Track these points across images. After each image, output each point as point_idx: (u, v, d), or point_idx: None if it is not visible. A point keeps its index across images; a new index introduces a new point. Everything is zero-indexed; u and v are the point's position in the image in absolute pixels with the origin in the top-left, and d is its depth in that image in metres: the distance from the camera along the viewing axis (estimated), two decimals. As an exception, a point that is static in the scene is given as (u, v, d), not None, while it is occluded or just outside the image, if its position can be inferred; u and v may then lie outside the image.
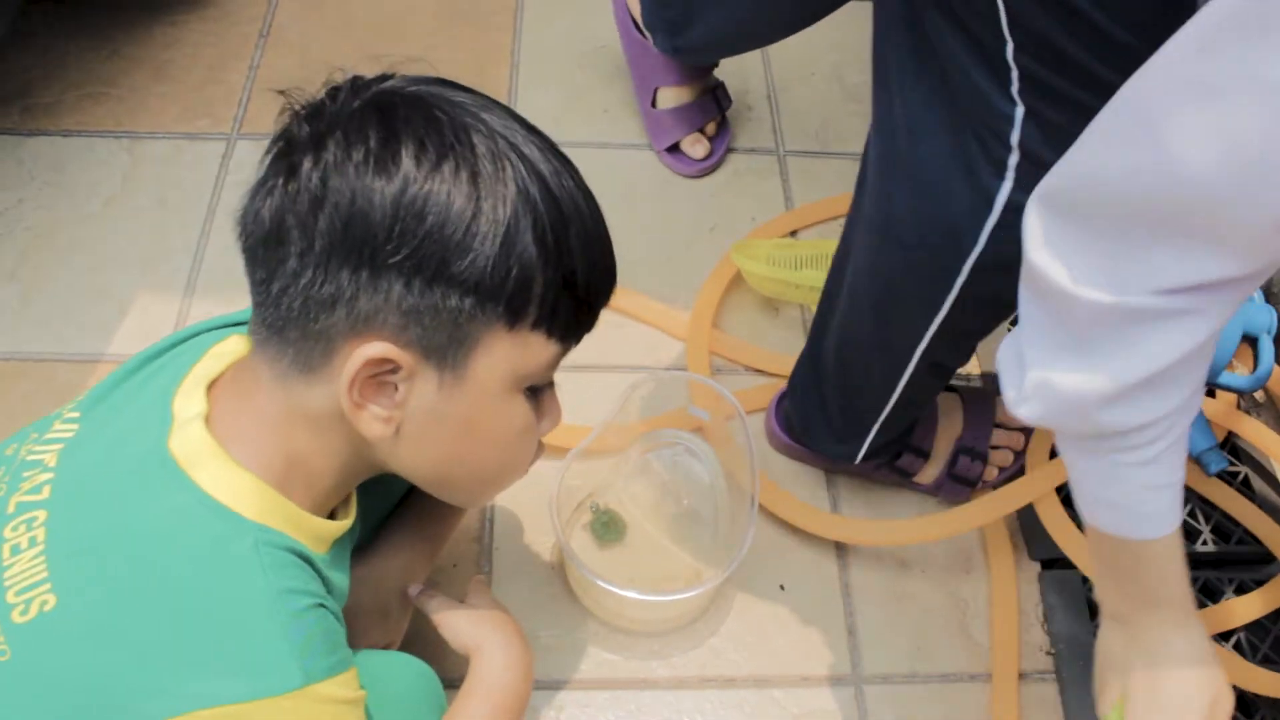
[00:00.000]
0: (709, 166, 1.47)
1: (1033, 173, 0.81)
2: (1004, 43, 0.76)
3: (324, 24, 1.57)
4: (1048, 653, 1.15)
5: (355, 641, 0.93)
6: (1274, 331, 1.27)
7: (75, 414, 0.75)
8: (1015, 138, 0.81)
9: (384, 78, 0.70)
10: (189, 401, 0.71)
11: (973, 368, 1.34)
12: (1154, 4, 0.71)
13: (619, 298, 1.32)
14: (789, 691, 1.10)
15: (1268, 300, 1.28)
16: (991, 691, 1.11)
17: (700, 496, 1.20)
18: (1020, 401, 0.73)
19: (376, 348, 0.66)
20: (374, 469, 0.77)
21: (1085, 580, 1.19)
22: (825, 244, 1.34)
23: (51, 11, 1.57)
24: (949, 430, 1.20)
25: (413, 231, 0.64)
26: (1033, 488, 1.16)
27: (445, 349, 0.68)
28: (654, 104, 1.47)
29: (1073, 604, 1.17)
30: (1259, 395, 1.33)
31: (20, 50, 1.52)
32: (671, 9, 1.30)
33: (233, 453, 0.69)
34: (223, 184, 1.41)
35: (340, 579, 0.77)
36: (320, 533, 0.72)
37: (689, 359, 1.29)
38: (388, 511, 0.97)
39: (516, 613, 1.02)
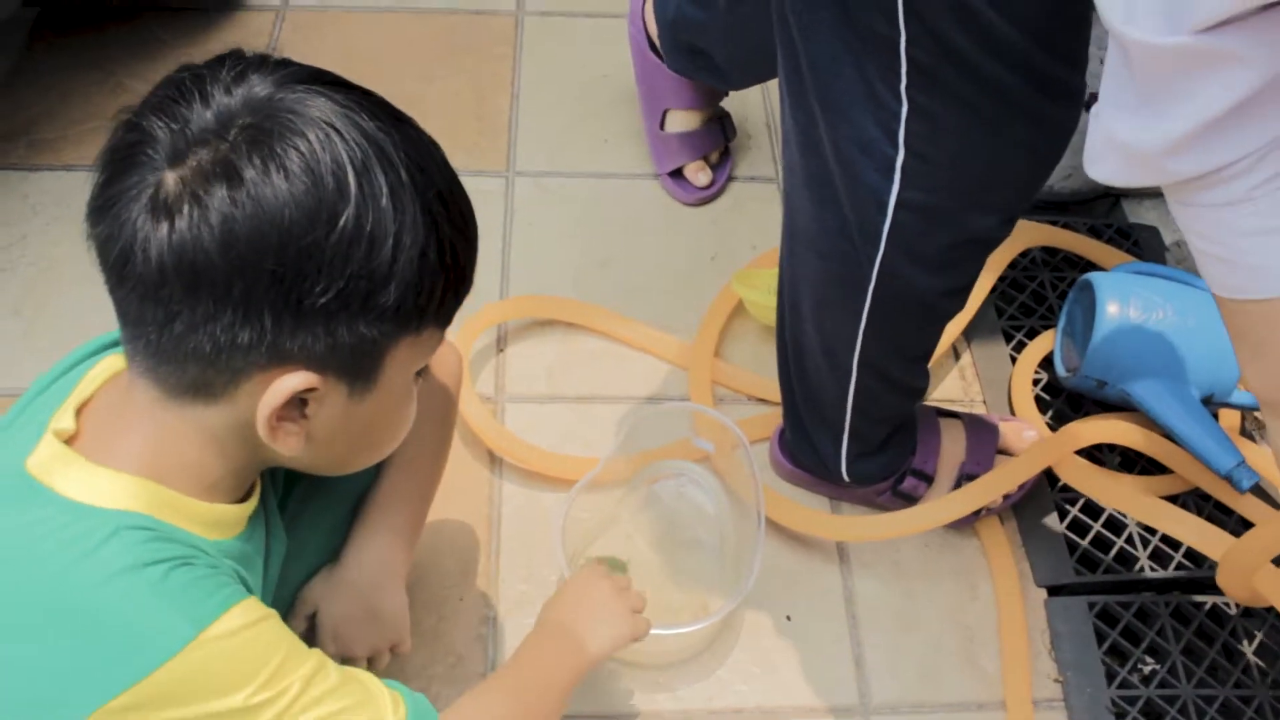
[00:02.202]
0: (709, 195, 1.48)
1: (920, 171, 0.85)
2: (898, 35, 0.79)
3: (326, 57, 1.56)
4: (1055, 680, 1.14)
5: (353, 649, 0.93)
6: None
7: None
8: (902, 135, 0.84)
9: (243, 68, 0.66)
10: (58, 423, 0.70)
11: (974, 394, 1.35)
12: (1045, 6, 0.78)
13: (621, 328, 1.33)
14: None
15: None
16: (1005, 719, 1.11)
17: (706, 527, 1.20)
18: (1093, 161, 0.74)
19: (298, 379, 0.66)
20: (269, 464, 0.76)
21: (1091, 605, 1.18)
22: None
23: (54, 47, 1.58)
24: (952, 455, 1.20)
25: (340, 271, 0.63)
26: (1022, 470, 1.17)
27: (359, 367, 0.68)
28: (662, 126, 1.47)
29: (1079, 630, 1.17)
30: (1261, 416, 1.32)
31: (24, 87, 1.53)
32: (688, 33, 1.32)
33: (93, 458, 0.68)
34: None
35: (250, 570, 0.75)
36: (207, 516, 0.71)
37: (691, 389, 1.29)
38: (343, 517, 0.95)
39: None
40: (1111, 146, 0.72)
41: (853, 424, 1.10)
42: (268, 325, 0.64)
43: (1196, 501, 1.24)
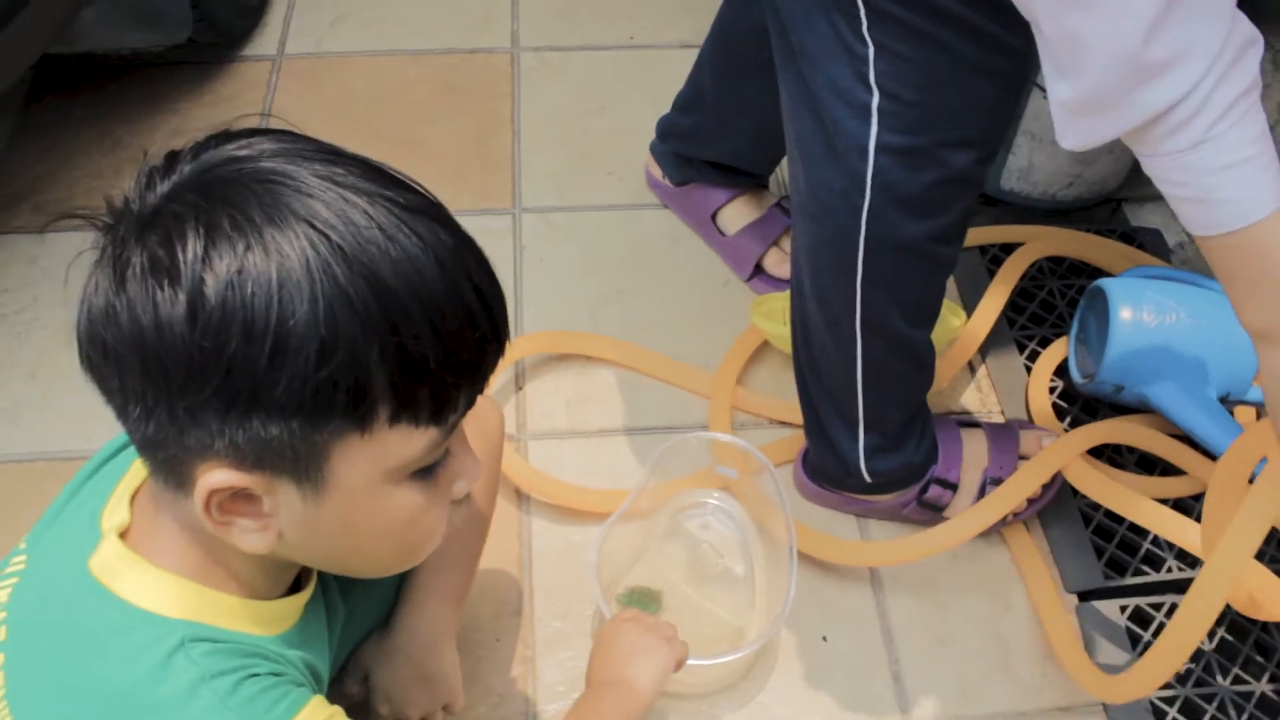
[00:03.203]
0: None
1: (894, 111, 0.90)
2: None
3: (324, 103, 1.59)
4: (1093, 686, 1.15)
5: (407, 711, 0.94)
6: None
7: (23, 546, 0.75)
8: (872, 77, 0.88)
9: (201, 150, 0.63)
10: (113, 516, 0.69)
11: (992, 405, 1.36)
12: None
13: (638, 359, 1.34)
14: (839, 743, 1.11)
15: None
16: (1042, 729, 1.11)
17: (735, 555, 1.20)
18: (1061, 134, 0.80)
19: (218, 477, 0.62)
20: (292, 561, 0.74)
21: (1123, 609, 1.19)
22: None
23: (52, 107, 1.59)
24: (975, 462, 1.21)
25: (213, 365, 0.58)
26: (1040, 470, 1.17)
27: (294, 467, 0.62)
28: (722, 233, 1.44)
29: (1113, 634, 1.18)
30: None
31: (24, 149, 1.54)
32: (684, 146, 1.38)
33: (152, 559, 0.67)
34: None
35: (315, 650, 0.76)
36: (260, 614, 0.70)
37: (711, 416, 1.30)
38: (393, 583, 0.96)
39: (562, 683, 1.03)
40: (1065, 109, 0.78)
41: (867, 410, 1.12)
42: (164, 420, 0.61)
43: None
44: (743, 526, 1.21)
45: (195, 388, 0.59)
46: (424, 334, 0.61)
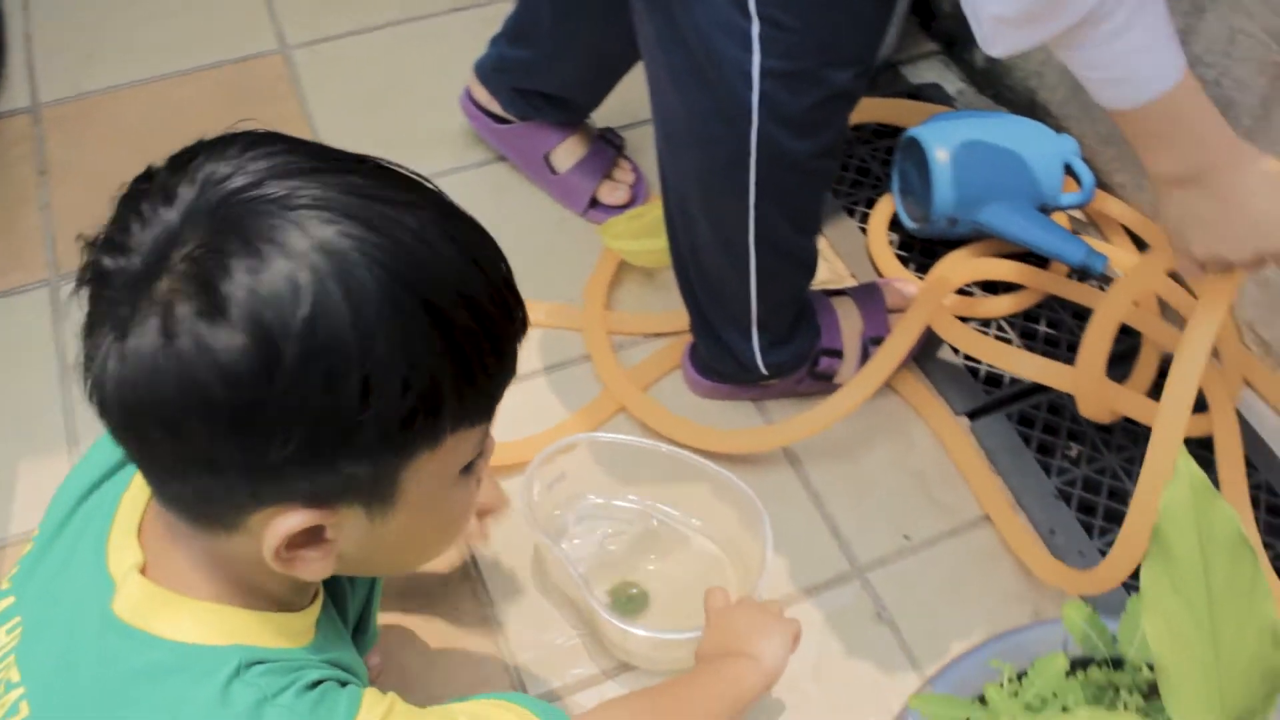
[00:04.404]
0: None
1: (775, 38, 0.93)
2: None
3: (101, 143, 1.51)
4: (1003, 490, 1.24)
5: None
6: (1079, 153, 1.41)
7: (7, 587, 0.70)
8: (752, 5, 0.91)
9: (184, 171, 0.58)
10: (123, 556, 0.65)
11: (841, 272, 1.43)
12: None
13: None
14: (804, 604, 1.16)
15: (1060, 130, 1.43)
16: (991, 533, 1.20)
17: (705, 538, 1.20)
18: (990, 45, 0.86)
19: (292, 521, 0.59)
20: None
21: (1009, 417, 1.29)
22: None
23: None
24: (852, 327, 1.27)
25: (297, 417, 0.55)
26: (907, 333, 1.25)
27: (367, 495, 0.61)
28: (554, 172, 1.46)
29: (1008, 442, 1.27)
30: (1081, 216, 1.47)
31: None
32: (517, 77, 1.37)
33: (184, 591, 0.64)
34: (62, 331, 1.34)
35: (342, 653, 0.74)
36: (296, 626, 0.68)
37: (590, 346, 1.32)
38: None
39: (528, 630, 1.03)
40: (1002, 23, 0.84)
41: (760, 313, 1.16)
42: (235, 480, 0.57)
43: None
44: (705, 515, 1.20)
45: (279, 443, 0.55)
46: (479, 340, 0.59)
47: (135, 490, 0.68)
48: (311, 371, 0.54)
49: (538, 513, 1.10)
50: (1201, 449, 1.22)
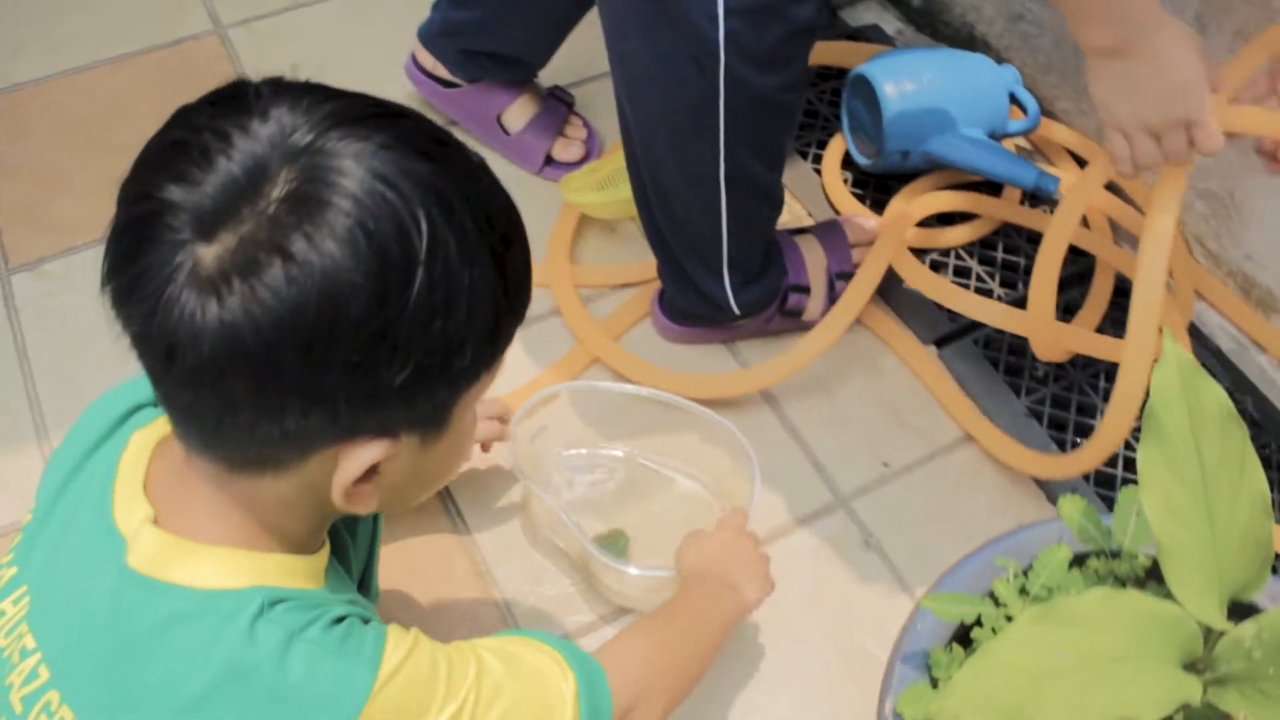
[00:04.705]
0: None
1: None
2: None
3: (43, 134, 1.47)
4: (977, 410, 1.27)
5: None
6: (1021, 82, 1.44)
7: (15, 579, 0.69)
8: None
9: (262, 105, 0.58)
10: (131, 513, 0.65)
11: (799, 214, 1.44)
12: None
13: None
14: (792, 536, 1.17)
15: (1000, 62, 1.46)
16: (967, 454, 1.22)
17: (690, 480, 1.21)
18: None
19: (374, 450, 0.61)
20: (341, 516, 0.73)
21: (975, 342, 1.31)
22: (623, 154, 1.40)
23: None
24: (816, 263, 1.29)
25: (416, 348, 0.57)
26: (874, 271, 1.27)
27: (427, 423, 0.63)
28: (506, 133, 1.45)
29: (976, 366, 1.30)
30: (1027, 145, 1.50)
31: None
32: (464, 39, 1.36)
33: (199, 538, 0.64)
34: (19, 323, 1.31)
35: (349, 590, 0.74)
36: (312, 568, 0.69)
37: (559, 301, 1.32)
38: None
39: (521, 579, 1.03)
40: None
41: (731, 252, 1.17)
42: (341, 409, 0.58)
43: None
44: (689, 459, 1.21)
45: (397, 368, 0.57)
46: (526, 268, 0.65)
47: (134, 451, 0.68)
48: (435, 296, 0.57)
49: (523, 465, 1.10)
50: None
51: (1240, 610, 0.73)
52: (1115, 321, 1.31)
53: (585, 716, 0.70)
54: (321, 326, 0.55)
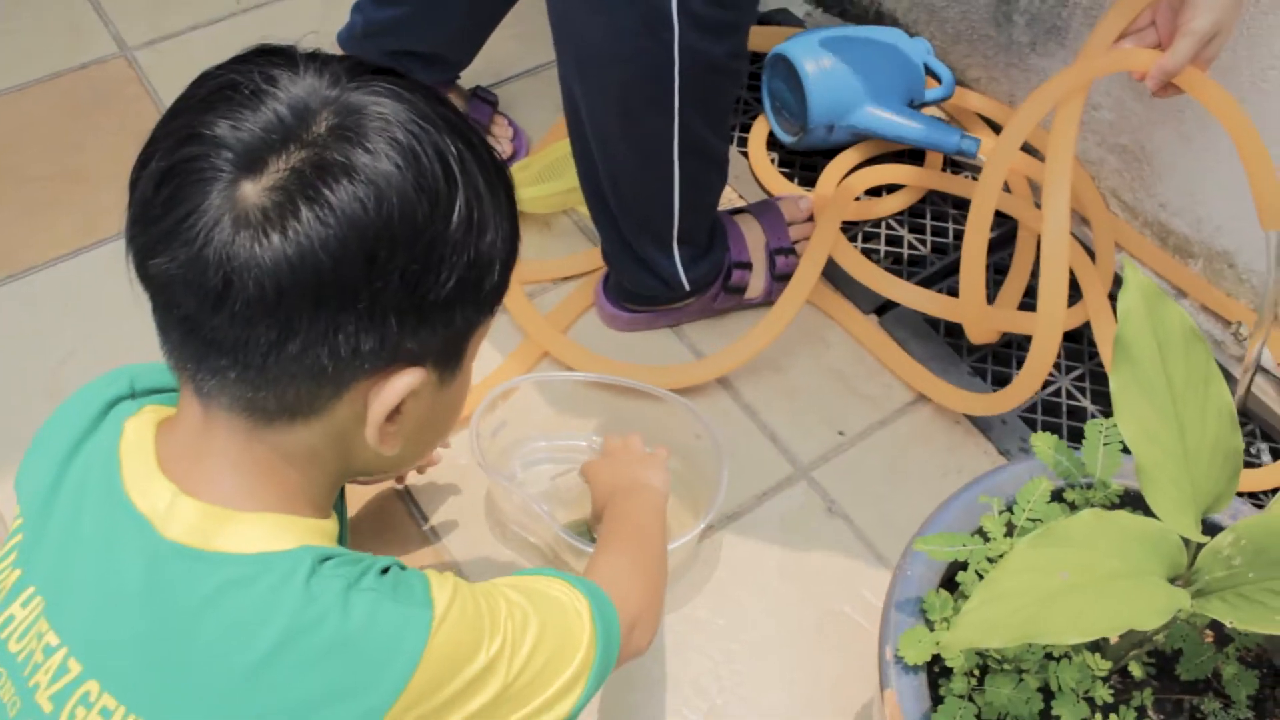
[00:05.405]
0: (516, 161, 1.46)
1: None
2: None
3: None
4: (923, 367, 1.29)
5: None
6: (933, 53, 1.48)
7: (22, 580, 0.67)
8: None
9: (291, 64, 0.62)
10: (154, 492, 0.65)
11: (730, 196, 1.46)
12: None
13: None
14: (758, 510, 1.19)
15: (912, 35, 1.50)
16: (918, 416, 1.25)
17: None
18: None
19: (410, 378, 0.64)
20: (353, 475, 0.75)
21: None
22: (557, 146, 1.40)
23: None
24: (756, 240, 1.31)
25: (460, 259, 0.62)
26: (819, 253, 1.30)
27: (452, 354, 0.67)
28: None
29: (917, 329, 1.33)
30: (942, 115, 1.54)
31: None
32: (385, 39, 1.35)
33: (234, 506, 0.64)
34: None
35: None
36: (330, 532, 0.70)
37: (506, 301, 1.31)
38: None
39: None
40: None
41: (681, 226, 1.18)
42: (393, 327, 0.61)
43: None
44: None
45: (443, 280, 0.61)
46: (516, 215, 0.69)
47: (134, 438, 0.67)
48: (472, 214, 0.62)
49: (487, 461, 1.10)
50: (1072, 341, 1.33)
51: (1210, 530, 0.76)
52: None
53: (600, 632, 0.74)
54: (384, 236, 0.58)
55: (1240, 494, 1.19)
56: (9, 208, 1.37)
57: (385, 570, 0.65)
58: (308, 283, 0.58)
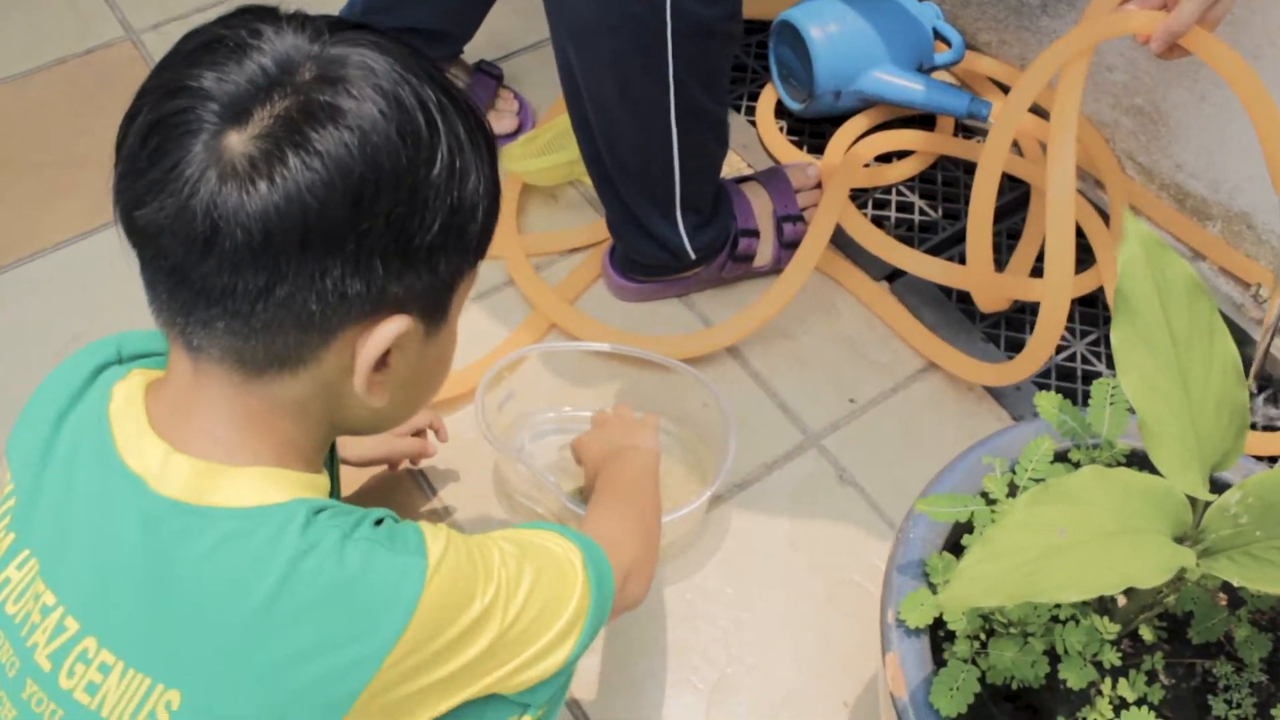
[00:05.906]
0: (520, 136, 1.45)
1: None
2: None
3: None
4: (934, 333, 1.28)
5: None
6: (942, 17, 1.46)
7: (15, 544, 0.68)
8: None
9: (271, 21, 0.62)
10: (147, 451, 0.65)
11: (739, 165, 1.45)
12: None
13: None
14: (769, 479, 1.18)
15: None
16: (929, 383, 1.24)
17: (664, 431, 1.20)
18: None
19: (396, 325, 0.64)
20: (342, 432, 0.75)
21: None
22: (562, 119, 1.39)
23: None
24: (763, 207, 1.30)
25: (443, 204, 0.63)
26: (827, 221, 1.28)
27: (437, 304, 0.67)
28: None
29: (930, 296, 1.31)
30: (953, 80, 1.51)
31: None
32: (386, 15, 1.33)
33: (227, 462, 0.65)
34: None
35: None
36: (324, 488, 0.70)
37: (512, 271, 1.31)
38: None
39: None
40: None
41: (684, 193, 1.17)
42: (379, 271, 0.62)
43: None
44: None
45: (427, 225, 0.62)
46: (498, 168, 0.69)
47: (123, 400, 0.68)
48: (454, 161, 0.63)
49: (494, 433, 1.09)
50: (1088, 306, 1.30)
51: (1219, 489, 0.74)
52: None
53: (593, 581, 0.73)
54: (369, 179, 0.59)
55: (1260, 458, 1.17)
56: (15, 193, 1.38)
57: (379, 522, 0.65)
58: (295, 227, 0.58)
